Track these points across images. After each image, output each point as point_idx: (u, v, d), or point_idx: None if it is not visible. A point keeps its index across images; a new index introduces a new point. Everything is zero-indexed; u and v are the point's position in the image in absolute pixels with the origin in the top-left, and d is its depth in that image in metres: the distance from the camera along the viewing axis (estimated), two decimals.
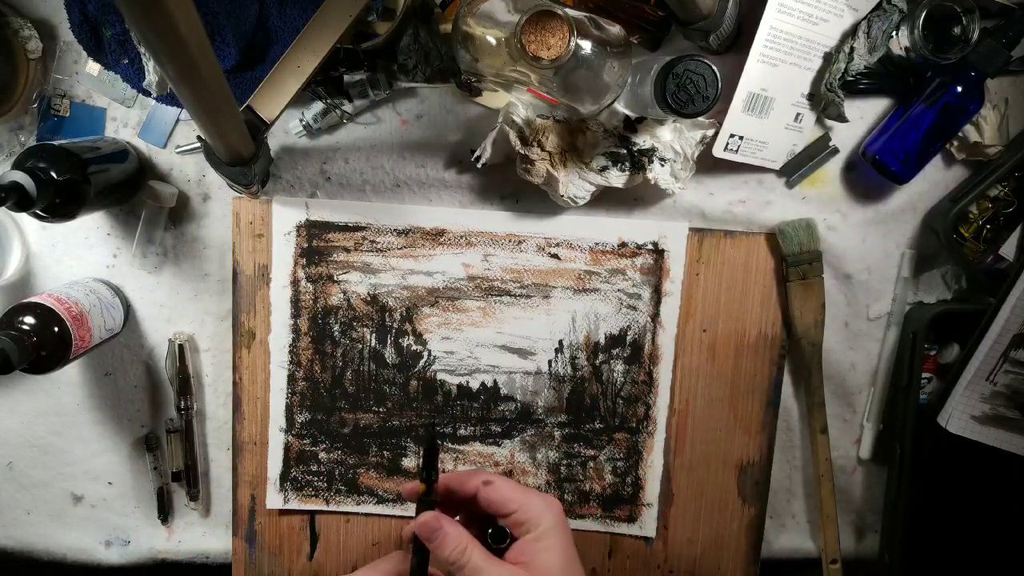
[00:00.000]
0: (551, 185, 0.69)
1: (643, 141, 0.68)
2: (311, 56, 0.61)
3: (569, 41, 0.53)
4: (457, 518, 0.54)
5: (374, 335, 0.74)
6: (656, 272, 0.73)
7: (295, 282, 0.73)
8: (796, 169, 0.72)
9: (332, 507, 0.76)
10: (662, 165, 0.68)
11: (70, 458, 0.77)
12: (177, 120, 0.72)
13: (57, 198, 0.61)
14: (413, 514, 0.78)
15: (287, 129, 0.71)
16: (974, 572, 0.77)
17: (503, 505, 0.53)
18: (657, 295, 0.73)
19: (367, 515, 0.77)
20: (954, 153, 0.72)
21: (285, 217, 0.72)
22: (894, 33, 0.66)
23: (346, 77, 0.68)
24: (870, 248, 0.74)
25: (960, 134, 0.70)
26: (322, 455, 0.75)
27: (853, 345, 0.76)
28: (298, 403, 0.75)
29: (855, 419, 0.78)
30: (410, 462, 0.75)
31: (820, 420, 0.75)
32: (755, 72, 0.67)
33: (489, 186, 0.73)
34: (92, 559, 0.79)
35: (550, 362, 0.74)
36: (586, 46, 0.56)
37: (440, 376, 0.75)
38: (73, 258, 0.74)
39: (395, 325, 0.74)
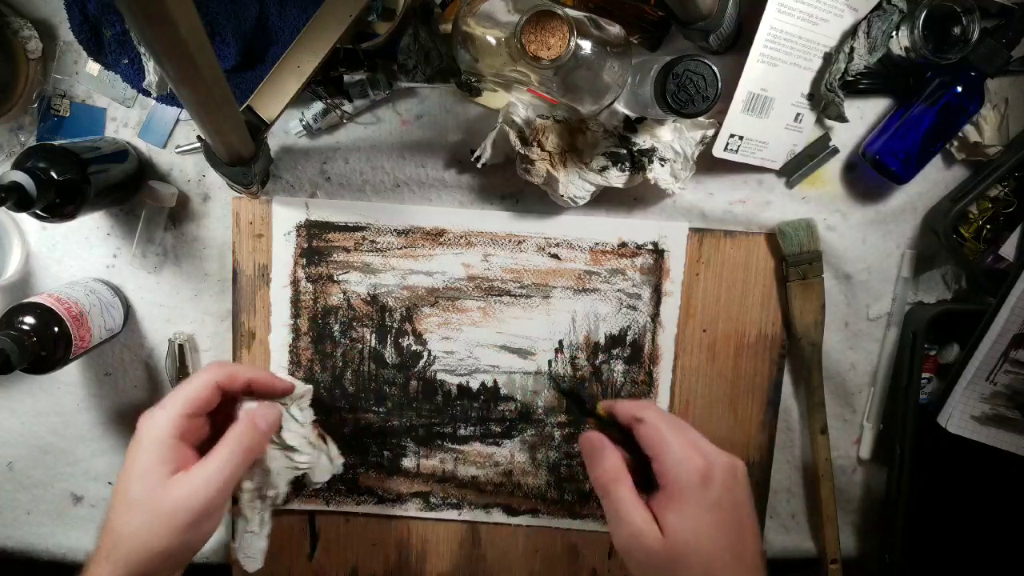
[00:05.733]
0: (551, 185, 0.69)
1: (643, 141, 0.68)
2: (311, 56, 0.61)
3: (569, 41, 0.53)
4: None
5: (374, 335, 0.74)
6: (656, 272, 0.73)
7: (295, 282, 0.73)
8: (796, 169, 0.72)
9: (332, 507, 0.76)
10: (662, 165, 0.68)
11: (70, 458, 0.77)
12: (177, 120, 0.72)
13: (57, 198, 0.61)
14: (412, 514, 0.78)
15: (287, 129, 0.71)
16: (974, 572, 0.77)
17: (647, 449, 0.51)
18: (657, 295, 0.73)
19: (367, 515, 0.77)
20: (954, 153, 0.72)
21: (285, 217, 0.72)
22: (894, 33, 0.66)
23: (346, 77, 0.68)
24: (870, 248, 0.74)
25: (960, 134, 0.70)
26: None
27: (853, 345, 0.76)
28: None
29: (855, 419, 0.78)
30: (410, 462, 0.75)
31: (820, 420, 0.75)
32: (755, 72, 0.67)
33: (489, 186, 0.73)
34: None
35: (550, 362, 0.74)
36: (586, 46, 0.56)
37: (440, 376, 0.75)
38: (73, 258, 0.74)
39: (395, 325, 0.74)
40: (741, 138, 0.69)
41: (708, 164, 0.72)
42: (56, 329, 0.64)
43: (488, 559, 0.77)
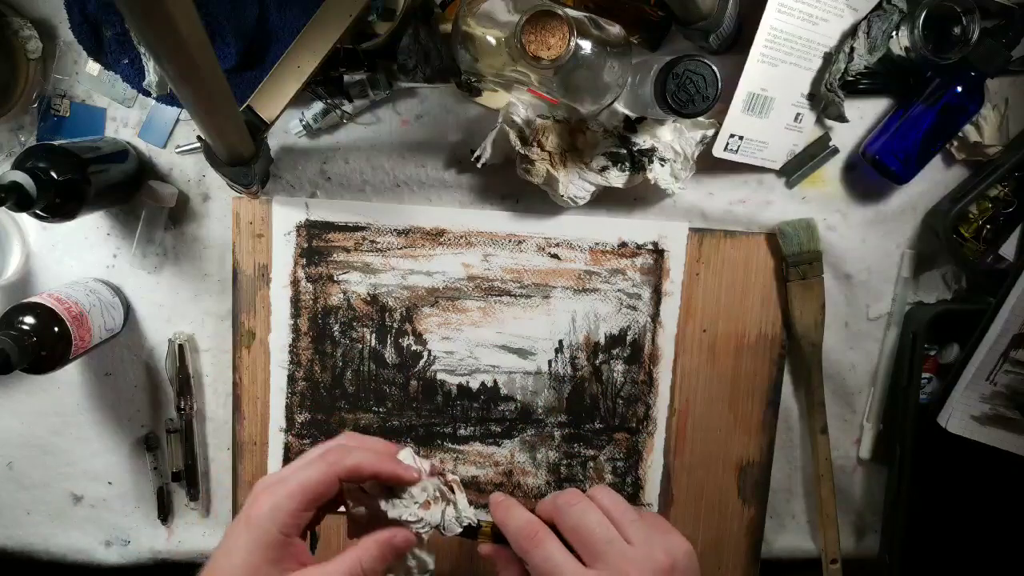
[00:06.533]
0: (551, 185, 0.69)
1: (643, 141, 0.68)
2: (311, 56, 0.61)
3: (569, 41, 0.53)
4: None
5: (374, 335, 0.74)
6: (656, 272, 0.73)
7: (295, 282, 0.73)
8: (796, 169, 0.72)
9: None
10: (662, 165, 0.68)
11: (70, 458, 0.77)
12: (177, 120, 0.72)
13: (57, 198, 0.61)
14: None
15: (287, 129, 0.71)
16: (974, 572, 0.77)
17: None
18: (657, 295, 0.73)
19: None
20: (954, 153, 0.72)
21: (285, 217, 0.72)
22: (894, 33, 0.66)
23: (346, 77, 0.68)
24: (870, 248, 0.74)
25: (960, 134, 0.70)
26: None
27: (853, 345, 0.76)
28: (298, 403, 0.75)
29: (855, 419, 0.78)
30: None
31: (820, 420, 0.75)
32: (755, 72, 0.67)
33: (489, 186, 0.73)
34: (92, 559, 0.79)
35: (550, 362, 0.74)
36: (586, 46, 0.56)
37: (440, 376, 0.75)
38: (73, 258, 0.74)
39: (395, 325, 0.74)
40: (741, 138, 0.69)
41: (708, 164, 0.71)
42: (56, 329, 0.64)
43: None
